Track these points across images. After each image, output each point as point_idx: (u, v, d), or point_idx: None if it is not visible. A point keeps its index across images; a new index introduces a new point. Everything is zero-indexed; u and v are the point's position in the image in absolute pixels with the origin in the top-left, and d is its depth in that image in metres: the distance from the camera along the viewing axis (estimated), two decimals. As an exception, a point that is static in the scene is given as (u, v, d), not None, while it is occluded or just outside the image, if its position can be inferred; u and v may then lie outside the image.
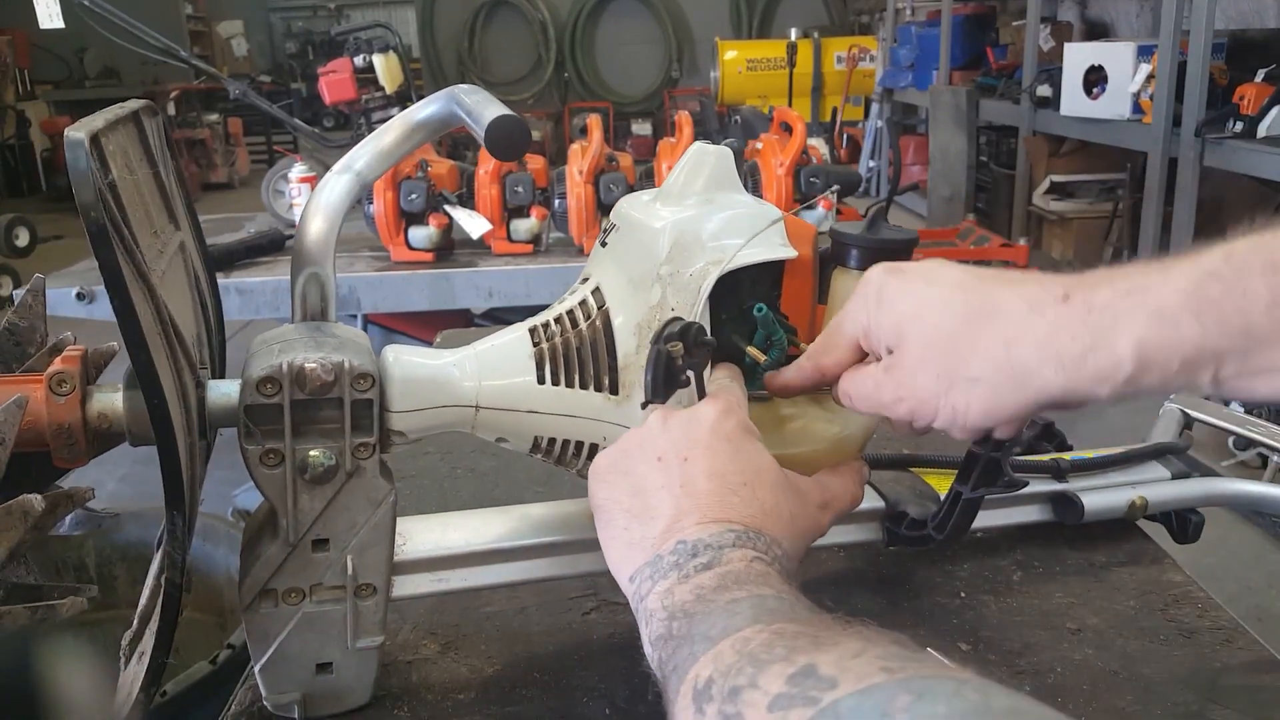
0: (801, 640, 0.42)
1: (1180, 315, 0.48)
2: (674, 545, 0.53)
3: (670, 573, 0.52)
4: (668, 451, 0.57)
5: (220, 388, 0.61)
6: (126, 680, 0.58)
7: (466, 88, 0.70)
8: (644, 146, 8.75)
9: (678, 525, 0.54)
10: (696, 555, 0.51)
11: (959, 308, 0.54)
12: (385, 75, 3.30)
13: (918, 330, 0.56)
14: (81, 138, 0.49)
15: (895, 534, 0.81)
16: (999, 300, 0.53)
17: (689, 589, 0.50)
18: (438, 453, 1.12)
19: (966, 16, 6.99)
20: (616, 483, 0.58)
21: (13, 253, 6.38)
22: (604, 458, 0.60)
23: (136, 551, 1.76)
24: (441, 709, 0.69)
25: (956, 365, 0.54)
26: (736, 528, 0.53)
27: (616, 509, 0.57)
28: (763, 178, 2.50)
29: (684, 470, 0.56)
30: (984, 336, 0.53)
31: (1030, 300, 0.52)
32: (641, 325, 0.65)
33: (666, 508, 0.55)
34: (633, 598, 0.54)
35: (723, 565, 0.51)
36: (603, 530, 0.58)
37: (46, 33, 10.32)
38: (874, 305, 0.58)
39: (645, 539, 0.54)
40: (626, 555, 0.55)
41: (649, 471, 0.57)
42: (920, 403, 0.56)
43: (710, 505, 0.54)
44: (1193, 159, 3.94)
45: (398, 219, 2.52)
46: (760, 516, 0.55)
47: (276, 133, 10.33)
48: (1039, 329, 0.52)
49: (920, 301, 0.56)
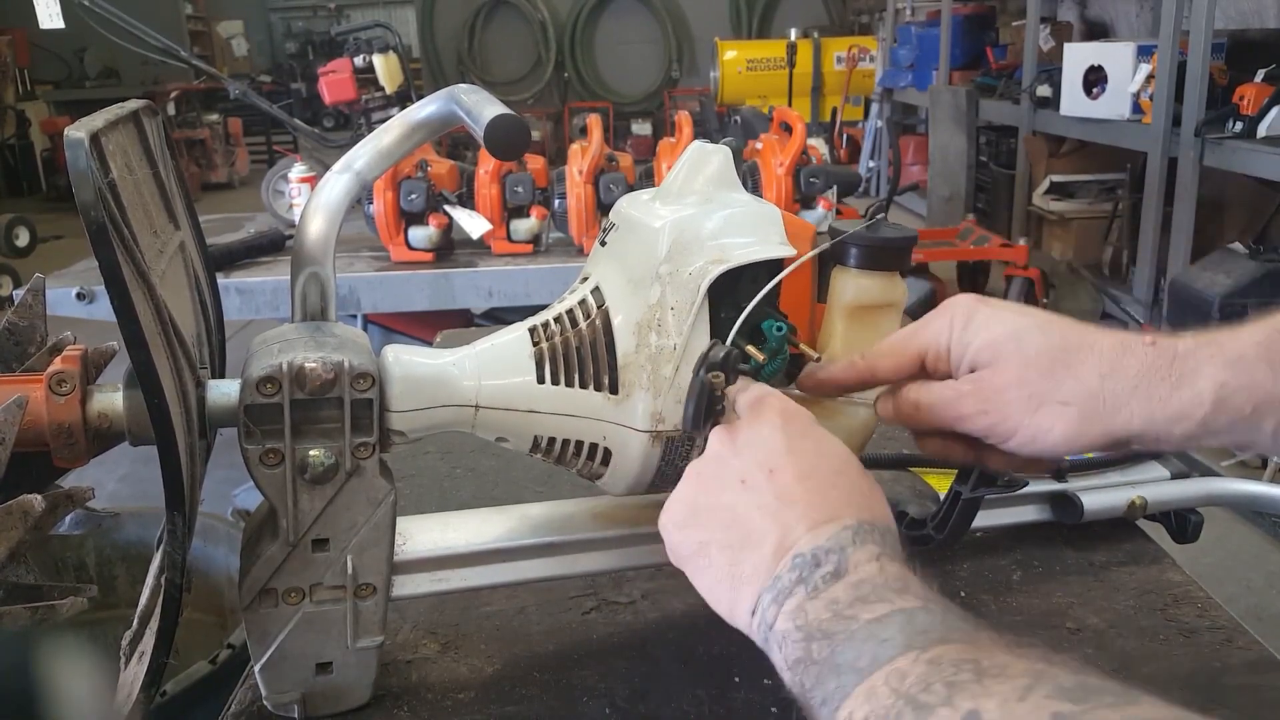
0: (963, 674, 0.39)
1: (1256, 363, 0.53)
2: (791, 561, 0.49)
3: (796, 589, 0.48)
4: (749, 471, 0.54)
5: (220, 387, 0.61)
6: (126, 680, 0.58)
7: (466, 87, 0.70)
8: (644, 146, 8.75)
9: (788, 539, 0.50)
10: (820, 565, 0.48)
11: (1057, 338, 0.58)
12: (385, 75, 3.29)
13: (1017, 351, 0.58)
14: (81, 137, 0.49)
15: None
16: (1093, 338, 0.57)
17: (822, 605, 0.46)
18: (438, 452, 1.12)
19: (966, 16, 6.99)
20: (701, 524, 0.55)
21: (13, 253, 6.38)
22: (674, 506, 0.57)
23: (136, 551, 1.76)
24: (441, 709, 0.69)
25: (1051, 388, 0.57)
26: (849, 523, 0.50)
27: (711, 548, 0.53)
28: (762, 177, 2.50)
29: (774, 483, 0.53)
30: (1081, 366, 0.57)
31: (1121, 341, 0.57)
32: (641, 324, 0.65)
33: (769, 527, 0.51)
34: (758, 633, 0.50)
35: (852, 573, 0.47)
36: (701, 578, 0.54)
37: (46, 33, 10.32)
38: (961, 327, 0.60)
39: (757, 567, 0.50)
40: (741, 593, 0.51)
41: (735, 499, 0.53)
42: (1004, 418, 0.58)
43: (814, 508, 0.51)
44: (1192, 159, 3.94)
45: (398, 219, 2.51)
46: (864, 502, 0.53)
47: (276, 133, 10.32)
48: (1131, 365, 0.56)
49: (1019, 327, 0.59)
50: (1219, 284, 3.78)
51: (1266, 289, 3.67)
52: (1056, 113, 5.03)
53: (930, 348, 0.62)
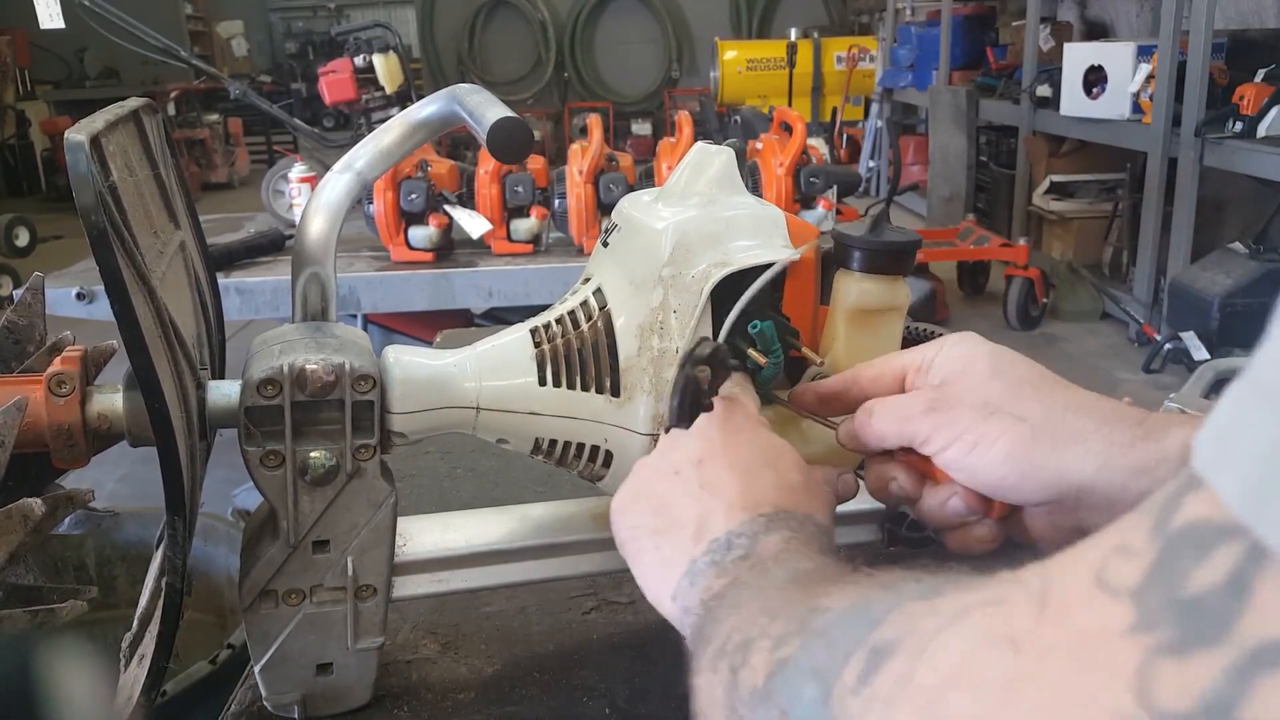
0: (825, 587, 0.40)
1: None
2: (707, 545, 0.50)
3: (708, 571, 0.49)
4: (682, 462, 0.56)
5: (220, 389, 0.61)
6: (127, 682, 0.58)
7: (468, 87, 0.69)
8: (644, 146, 8.74)
9: (707, 525, 0.52)
10: (731, 548, 0.50)
11: (1040, 369, 0.57)
12: (385, 75, 3.30)
13: (989, 366, 0.57)
14: (82, 140, 0.49)
15: (895, 535, 0.81)
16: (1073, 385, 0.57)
17: (726, 580, 0.48)
18: (438, 452, 1.12)
19: (966, 16, 6.99)
20: (637, 510, 0.56)
21: (13, 253, 6.38)
22: (620, 494, 0.58)
23: (136, 551, 1.76)
24: (441, 709, 0.69)
25: (1010, 401, 0.55)
26: (766, 511, 0.51)
27: (642, 534, 0.55)
28: (762, 178, 2.50)
29: (702, 472, 0.54)
30: (1050, 394, 0.55)
31: (1099, 395, 0.56)
32: (643, 326, 0.64)
33: (691, 513, 0.53)
34: (677, 618, 0.51)
35: (759, 555, 0.49)
36: (634, 563, 0.56)
37: (46, 33, 10.31)
38: (950, 345, 0.60)
39: (677, 551, 0.52)
40: (664, 576, 0.52)
41: (668, 487, 0.55)
42: (951, 420, 0.56)
43: (735, 496, 0.52)
44: (1192, 159, 3.94)
45: (398, 219, 2.51)
46: (789, 493, 0.53)
47: (276, 133, 10.32)
48: (1102, 408, 0.54)
49: (1002, 352, 0.59)
50: (1219, 284, 3.79)
51: (1266, 289, 3.67)
52: (1056, 113, 5.03)
53: (914, 363, 0.61)
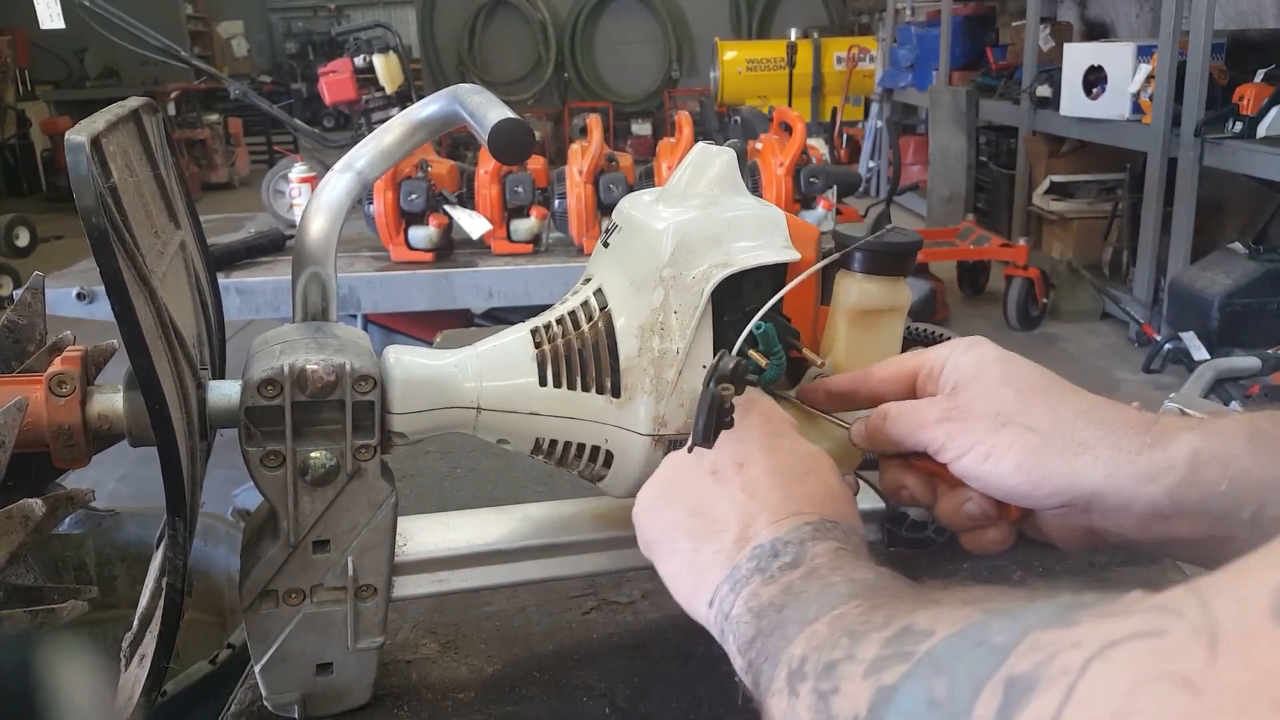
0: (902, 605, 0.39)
1: (1233, 438, 0.51)
2: (750, 551, 0.50)
3: (753, 578, 0.48)
4: (721, 463, 0.55)
5: (221, 389, 0.61)
6: (127, 682, 0.58)
7: (469, 87, 0.69)
8: (644, 146, 8.74)
9: (750, 531, 0.51)
10: (778, 555, 0.49)
11: (1049, 376, 0.58)
12: (385, 75, 3.30)
13: (1000, 373, 0.58)
14: (82, 141, 0.49)
15: (896, 535, 0.81)
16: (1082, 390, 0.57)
17: (777, 589, 0.47)
18: (438, 452, 1.12)
19: (966, 17, 6.99)
20: (669, 510, 0.56)
21: (13, 253, 6.37)
22: (647, 493, 0.58)
23: (136, 551, 1.76)
24: (441, 709, 0.69)
25: (1021, 411, 0.56)
26: (812, 519, 0.51)
27: (678, 535, 0.54)
28: (762, 178, 2.50)
29: (743, 476, 0.54)
30: (1060, 401, 0.56)
31: (1107, 399, 0.56)
32: (644, 327, 0.64)
33: (733, 517, 0.52)
34: (715, 624, 0.50)
35: (808, 564, 0.48)
36: (665, 563, 0.55)
37: (46, 33, 10.30)
38: (961, 351, 0.60)
39: (717, 555, 0.51)
40: (700, 579, 0.51)
41: (705, 489, 0.54)
42: (964, 430, 0.57)
43: (779, 502, 0.52)
44: (1192, 159, 3.95)
45: (398, 219, 2.52)
46: (830, 502, 0.53)
47: (276, 133, 10.32)
48: (1110, 415, 0.55)
49: (1012, 359, 0.59)
50: (1219, 284, 3.79)
51: (1266, 289, 3.68)
52: (1056, 113, 5.04)
53: (925, 365, 0.62)
